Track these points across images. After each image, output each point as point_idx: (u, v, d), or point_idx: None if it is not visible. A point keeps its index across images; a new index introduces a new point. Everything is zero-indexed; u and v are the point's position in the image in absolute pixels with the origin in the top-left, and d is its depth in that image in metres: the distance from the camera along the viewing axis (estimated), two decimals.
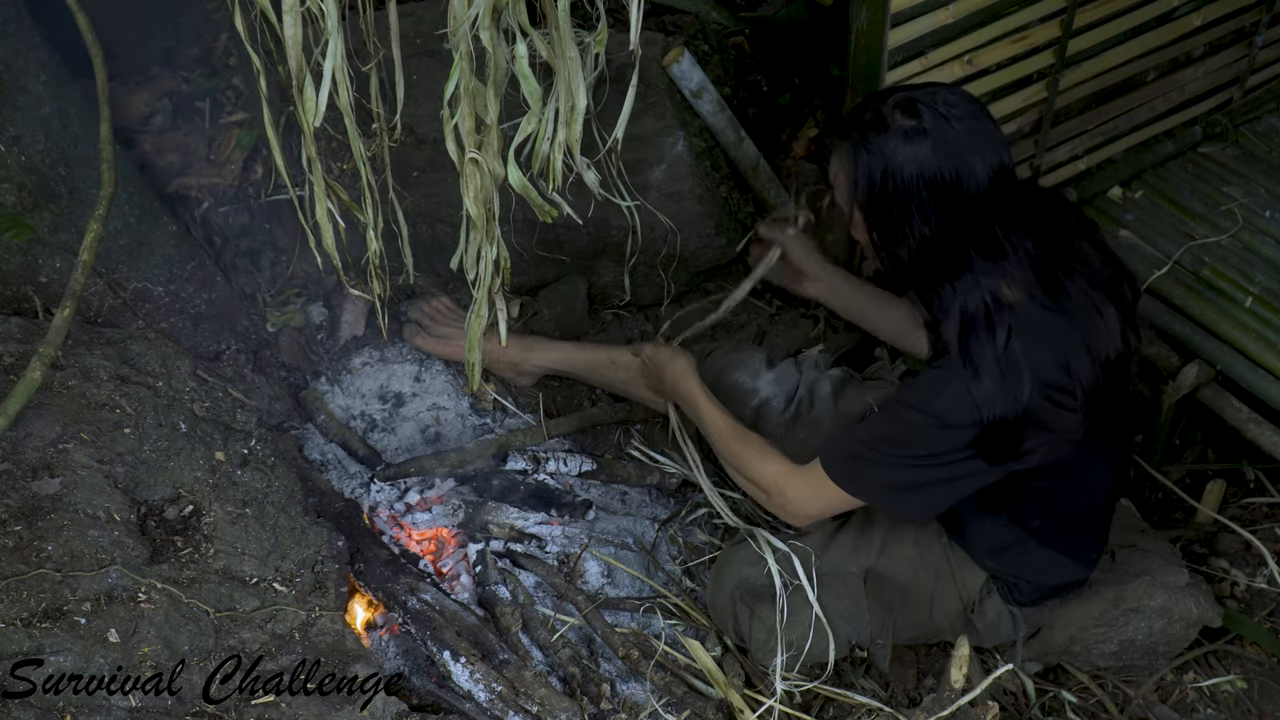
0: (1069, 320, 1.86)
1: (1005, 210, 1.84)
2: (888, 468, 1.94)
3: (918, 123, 1.80)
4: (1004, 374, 1.81)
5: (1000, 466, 1.90)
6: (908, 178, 1.81)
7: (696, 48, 2.65)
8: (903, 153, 1.81)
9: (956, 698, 2.07)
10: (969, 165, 1.80)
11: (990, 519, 2.11)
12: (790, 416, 2.34)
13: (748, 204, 2.79)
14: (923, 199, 1.81)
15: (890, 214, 1.85)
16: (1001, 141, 1.85)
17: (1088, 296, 1.88)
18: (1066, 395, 1.85)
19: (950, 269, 1.85)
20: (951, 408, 1.84)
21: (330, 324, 2.66)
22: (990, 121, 1.86)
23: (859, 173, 1.85)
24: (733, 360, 2.42)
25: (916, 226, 1.84)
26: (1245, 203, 2.76)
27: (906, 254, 1.87)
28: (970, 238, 1.83)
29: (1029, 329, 1.83)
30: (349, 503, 2.35)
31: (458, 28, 1.62)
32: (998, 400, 1.81)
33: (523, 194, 1.84)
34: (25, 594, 1.79)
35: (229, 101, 2.69)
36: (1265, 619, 2.51)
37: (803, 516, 2.11)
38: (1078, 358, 1.85)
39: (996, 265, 1.84)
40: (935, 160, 1.80)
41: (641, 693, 2.23)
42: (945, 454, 1.88)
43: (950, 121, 1.80)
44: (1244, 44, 2.83)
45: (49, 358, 1.92)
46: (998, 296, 1.84)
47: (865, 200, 1.87)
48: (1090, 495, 2.09)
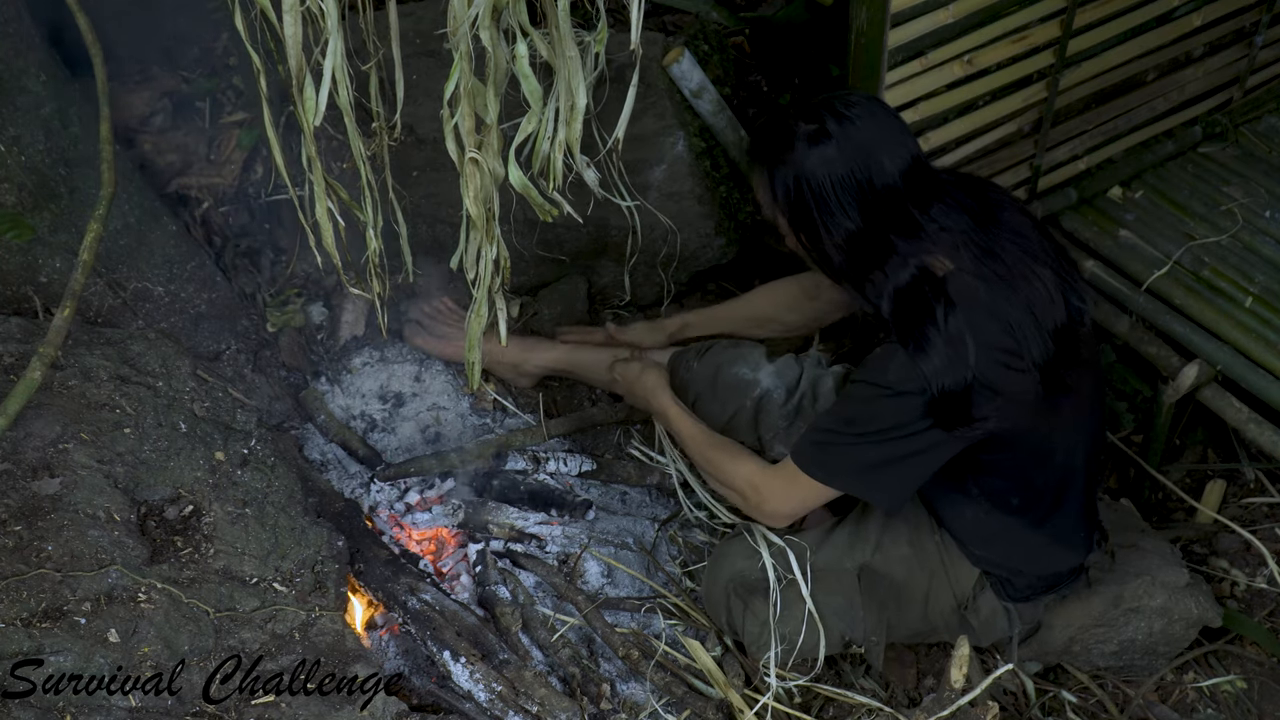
0: (1008, 287, 1.91)
1: (919, 194, 1.91)
2: (851, 448, 1.98)
3: (819, 126, 1.89)
4: (947, 342, 1.86)
5: (958, 434, 1.92)
6: (819, 180, 1.90)
7: (696, 48, 2.65)
8: (810, 158, 1.89)
9: (956, 698, 2.07)
10: (876, 158, 1.88)
11: (970, 504, 2.13)
12: (792, 409, 2.35)
13: (748, 204, 2.79)
14: (837, 197, 1.90)
15: (811, 218, 1.93)
16: (904, 131, 1.93)
17: (1023, 264, 1.93)
18: (1013, 357, 1.89)
19: (877, 257, 1.93)
20: (900, 378, 1.89)
21: (330, 324, 2.66)
22: (890, 114, 1.94)
23: (775, 186, 1.95)
24: (732, 354, 2.43)
25: (838, 224, 1.92)
26: (1245, 203, 2.76)
27: (835, 253, 1.95)
28: (889, 224, 1.91)
29: (966, 296, 1.88)
30: (349, 503, 2.35)
31: (458, 27, 1.62)
32: (944, 367, 1.86)
33: (523, 194, 1.84)
34: (25, 594, 1.79)
35: (229, 101, 2.69)
36: (1265, 619, 2.51)
37: (781, 515, 2.13)
38: (1021, 320, 1.90)
39: (917, 243, 1.91)
40: (841, 159, 1.88)
41: (641, 693, 2.23)
42: (902, 425, 1.92)
43: (851, 120, 1.88)
44: (1244, 44, 2.84)
45: (49, 358, 1.92)
46: (928, 270, 1.91)
47: (786, 210, 1.96)
48: (1061, 470, 2.09)
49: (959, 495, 2.13)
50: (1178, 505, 2.76)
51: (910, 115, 2.41)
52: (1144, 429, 2.76)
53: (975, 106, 2.52)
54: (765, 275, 2.96)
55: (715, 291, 2.91)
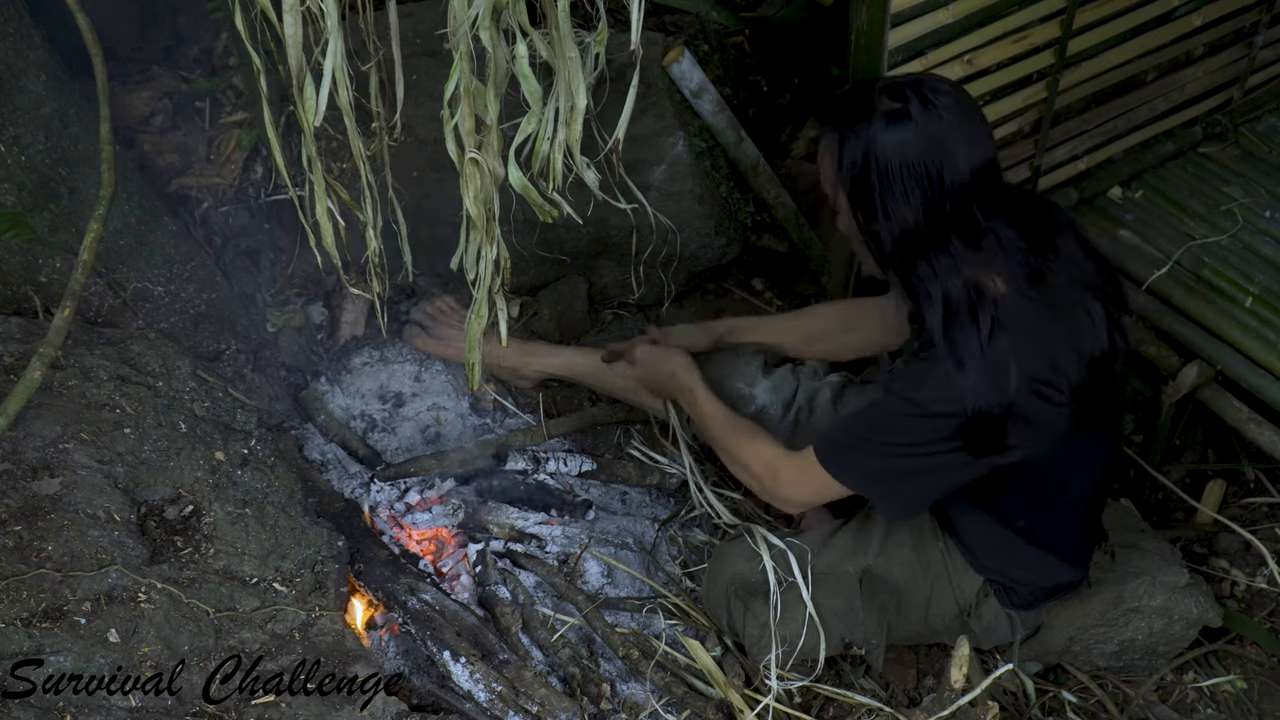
0: (1055, 315, 1.86)
1: (988, 201, 1.84)
2: (872, 456, 1.96)
3: (902, 106, 1.80)
4: (989, 366, 1.81)
5: (984, 460, 1.89)
6: (889, 160, 1.81)
7: (696, 48, 2.65)
8: (885, 137, 1.80)
9: (956, 698, 2.07)
10: (952, 153, 1.80)
11: (978, 516, 2.12)
12: (790, 423, 2.35)
13: (748, 204, 2.79)
14: (904, 183, 1.81)
15: (872, 197, 1.84)
16: (987, 135, 1.86)
17: (1074, 293, 1.89)
18: (1053, 390, 1.85)
19: (930, 253, 1.85)
20: (934, 397, 1.85)
21: (330, 324, 2.66)
22: (976, 111, 1.86)
23: (843, 157, 1.85)
24: (728, 367, 2.42)
25: (898, 210, 1.83)
26: (1245, 203, 2.76)
27: (889, 239, 1.86)
28: (952, 223, 1.83)
29: (1015, 322, 1.83)
30: (349, 503, 2.35)
31: (458, 28, 1.62)
32: (982, 392, 1.82)
33: (523, 194, 1.84)
34: (25, 594, 1.79)
35: (229, 101, 2.69)
36: (1265, 619, 2.51)
37: (794, 503, 2.13)
38: (1064, 353, 1.85)
39: (978, 253, 1.84)
40: (918, 145, 1.79)
41: (641, 693, 2.23)
42: (928, 443, 1.89)
43: (936, 109, 1.80)
44: (1244, 44, 2.83)
45: (49, 358, 1.92)
46: (981, 287, 1.84)
47: (849, 184, 1.86)
48: (1072, 497, 2.09)
49: (973, 507, 2.12)
50: (1178, 505, 2.75)
51: None
52: (1144, 429, 2.75)
53: None
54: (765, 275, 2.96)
55: (715, 292, 2.91)
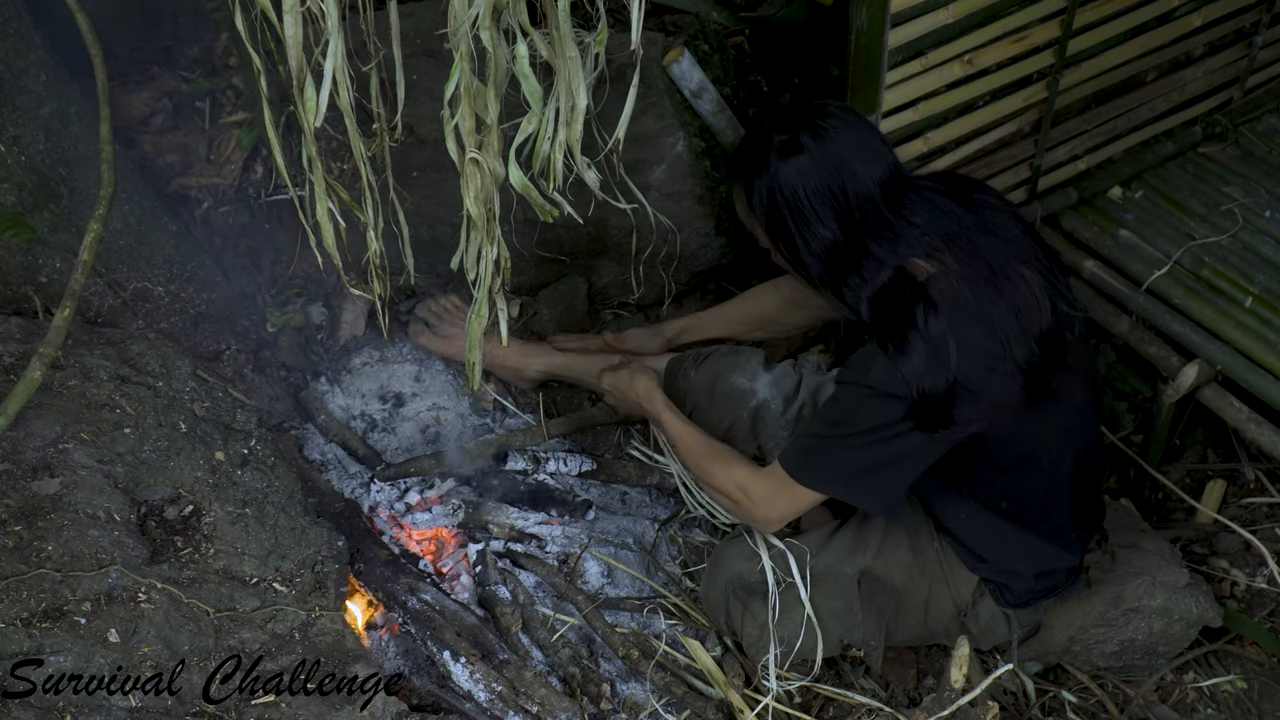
0: (993, 289, 1.90)
1: (896, 201, 1.92)
2: (835, 452, 1.98)
3: (792, 137, 1.91)
4: (928, 344, 1.86)
5: (939, 437, 1.92)
6: (793, 191, 1.92)
7: (696, 48, 2.65)
8: (784, 169, 1.92)
9: (956, 698, 2.08)
10: (850, 167, 1.90)
11: (963, 504, 2.13)
12: (792, 418, 2.34)
13: None
14: (813, 207, 1.92)
15: (788, 228, 1.95)
16: (880, 140, 1.96)
17: (1008, 266, 1.93)
18: (996, 359, 1.88)
19: (854, 264, 1.93)
20: (882, 378, 1.89)
21: (330, 324, 2.66)
22: (865, 124, 1.96)
23: (752, 199, 1.97)
24: (729, 363, 2.42)
25: (814, 234, 1.93)
26: (1245, 203, 2.76)
27: (815, 263, 1.97)
28: (865, 230, 1.92)
29: (949, 299, 1.88)
30: (349, 503, 2.35)
31: (458, 28, 1.62)
32: (925, 371, 1.86)
33: (523, 194, 1.84)
34: (25, 594, 1.79)
35: (229, 101, 2.69)
36: (1265, 619, 2.51)
37: (772, 520, 2.12)
38: (1005, 323, 1.89)
39: (893, 246, 1.91)
40: (816, 169, 1.91)
41: (641, 693, 2.23)
42: (885, 426, 1.91)
43: (825, 131, 1.91)
44: (1244, 44, 2.84)
45: (49, 358, 1.92)
46: (907, 273, 1.91)
47: (765, 222, 1.98)
48: (1048, 476, 2.09)
49: (953, 494, 2.13)
50: (1178, 505, 2.76)
51: (910, 115, 2.41)
52: (1144, 429, 2.76)
53: (975, 106, 2.52)
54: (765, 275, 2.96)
55: (715, 291, 2.91)
